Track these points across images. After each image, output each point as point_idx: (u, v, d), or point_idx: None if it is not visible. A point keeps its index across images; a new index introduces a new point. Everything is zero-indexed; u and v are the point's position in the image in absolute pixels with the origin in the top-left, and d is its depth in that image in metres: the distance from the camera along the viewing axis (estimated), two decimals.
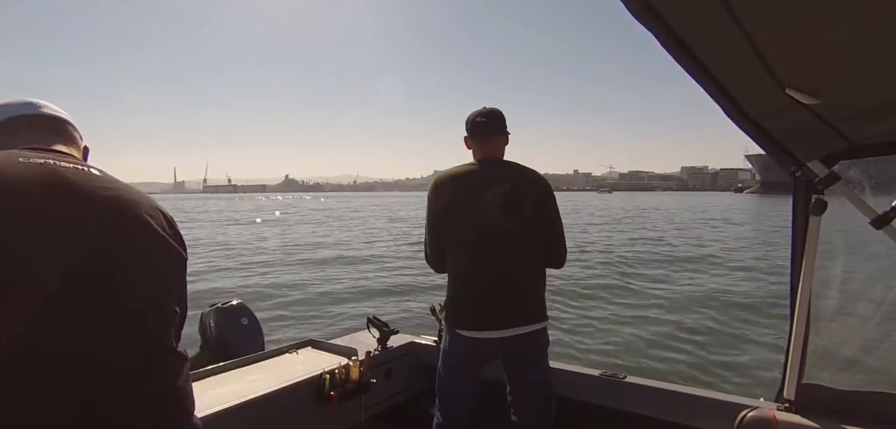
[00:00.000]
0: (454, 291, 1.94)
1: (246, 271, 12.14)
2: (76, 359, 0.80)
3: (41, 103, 1.04)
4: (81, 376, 0.80)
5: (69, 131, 1.06)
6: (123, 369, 0.85)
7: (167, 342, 0.93)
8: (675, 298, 8.38)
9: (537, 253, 1.94)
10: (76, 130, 1.08)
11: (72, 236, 0.82)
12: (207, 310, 2.73)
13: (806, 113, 1.04)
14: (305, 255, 15.16)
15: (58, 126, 1.04)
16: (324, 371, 2.15)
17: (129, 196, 0.92)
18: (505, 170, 1.95)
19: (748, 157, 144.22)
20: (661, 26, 0.70)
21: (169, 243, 0.95)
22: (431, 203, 1.97)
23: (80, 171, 0.89)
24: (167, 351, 0.93)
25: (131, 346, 0.86)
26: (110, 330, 0.84)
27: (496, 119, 2.00)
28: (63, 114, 1.07)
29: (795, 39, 0.76)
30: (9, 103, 1.03)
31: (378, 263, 13.43)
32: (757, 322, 6.83)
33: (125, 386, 0.85)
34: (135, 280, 0.88)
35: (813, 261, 1.48)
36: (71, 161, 0.91)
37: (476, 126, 2.01)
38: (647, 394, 2.02)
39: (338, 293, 9.39)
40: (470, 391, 2.01)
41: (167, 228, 0.97)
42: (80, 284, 0.81)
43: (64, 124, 1.05)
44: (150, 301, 0.91)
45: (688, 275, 10.57)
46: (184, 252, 0.99)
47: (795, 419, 1.52)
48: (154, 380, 0.89)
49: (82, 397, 0.80)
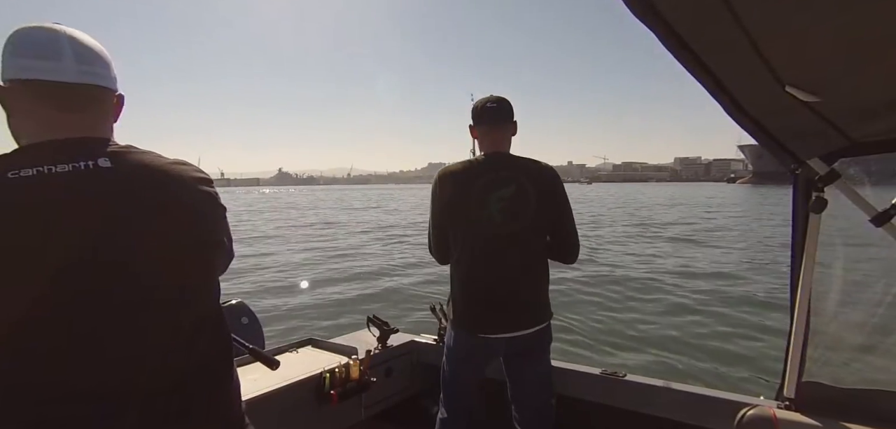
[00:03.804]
0: (458, 292, 1.94)
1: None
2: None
3: (66, 52, 0.89)
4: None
5: (98, 97, 0.94)
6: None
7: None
8: (675, 299, 8.38)
9: (541, 253, 1.92)
10: (108, 79, 0.96)
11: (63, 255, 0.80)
12: None
13: (806, 111, 1.04)
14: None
15: (83, 100, 0.92)
16: (324, 370, 2.15)
17: (138, 184, 0.89)
18: (511, 169, 1.87)
19: (741, 147, 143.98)
20: (663, 25, 0.70)
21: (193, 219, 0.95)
22: (435, 198, 1.94)
23: (82, 174, 0.85)
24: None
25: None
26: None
27: (505, 107, 1.94)
28: (95, 60, 0.93)
29: (795, 38, 0.76)
30: (28, 43, 0.88)
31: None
32: (757, 320, 6.84)
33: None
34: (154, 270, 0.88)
35: (813, 259, 1.48)
36: (79, 155, 0.86)
37: (485, 112, 1.93)
38: (648, 392, 2.02)
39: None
40: (474, 388, 2.01)
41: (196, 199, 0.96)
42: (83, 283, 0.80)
43: (92, 92, 0.93)
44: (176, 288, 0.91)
45: (672, 279, 10.58)
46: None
47: (796, 417, 1.52)
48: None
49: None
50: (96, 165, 0.86)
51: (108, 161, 0.88)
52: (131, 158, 0.91)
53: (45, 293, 0.79)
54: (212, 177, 1.03)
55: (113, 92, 0.98)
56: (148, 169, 0.92)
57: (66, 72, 0.89)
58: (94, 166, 0.86)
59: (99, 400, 0.83)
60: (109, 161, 0.88)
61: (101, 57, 0.95)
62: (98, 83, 0.94)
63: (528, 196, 1.85)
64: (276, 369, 1.52)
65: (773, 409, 1.55)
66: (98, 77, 0.94)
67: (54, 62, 0.88)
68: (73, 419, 0.81)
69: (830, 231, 1.48)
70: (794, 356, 1.55)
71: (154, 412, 0.87)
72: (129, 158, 0.91)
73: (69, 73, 0.89)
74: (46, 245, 0.80)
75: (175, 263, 0.91)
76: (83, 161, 0.86)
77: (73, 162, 0.85)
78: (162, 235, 0.90)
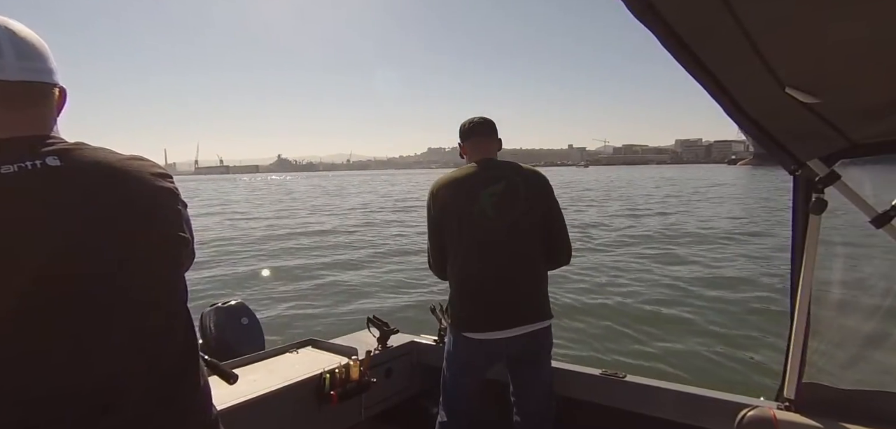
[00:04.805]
0: (455, 294, 1.95)
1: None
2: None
3: (5, 48, 0.85)
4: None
5: (41, 92, 0.91)
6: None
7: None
8: (675, 299, 8.37)
9: (536, 249, 1.94)
10: (49, 73, 0.91)
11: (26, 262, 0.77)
12: (207, 310, 2.73)
13: (806, 112, 1.04)
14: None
15: (26, 97, 0.88)
16: (324, 371, 2.15)
17: (91, 190, 0.85)
18: (499, 169, 1.96)
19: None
20: (662, 26, 0.70)
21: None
22: (430, 209, 1.99)
23: (29, 174, 0.80)
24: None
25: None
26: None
27: (489, 124, 2.09)
28: (35, 55, 0.89)
29: (796, 39, 0.76)
30: None
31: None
32: (757, 321, 6.83)
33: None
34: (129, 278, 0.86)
35: (813, 260, 1.48)
36: (24, 155, 0.82)
37: (474, 126, 2.08)
38: (648, 393, 2.02)
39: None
40: (474, 391, 2.02)
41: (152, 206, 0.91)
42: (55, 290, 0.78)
43: (35, 88, 0.89)
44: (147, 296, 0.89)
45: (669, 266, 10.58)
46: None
47: (796, 418, 1.51)
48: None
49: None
50: (44, 164, 0.82)
51: (57, 160, 0.83)
52: (82, 155, 0.87)
53: (10, 298, 0.76)
54: (212, 164, 0.98)
55: (54, 86, 0.93)
56: (102, 166, 0.87)
57: (7, 69, 0.84)
58: (41, 165, 0.82)
59: (71, 404, 0.81)
60: (58, 159, 0.83)
61: (41, 50, 0.90)
62: (41, 80, 0.90)
63: (519, 190, 1.91)
64: (233, 383, 1.40)
65: (773, 410, 1.55)
66: (40, 73, 0.89)
67: None
68: (47, 423, 0.79)
69: (830, 232, 1.48)
70: (794, 357, 1.55)
71: (126, 414, 0.85)
72: (79, 155, 0.87)
73: (10, 70, 0.84)
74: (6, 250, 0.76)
75: (140, 263, 0.88)
76: (30, 160, 0.81)
77: (18, 162, 0.80)
78: (125, 233, 0.87)
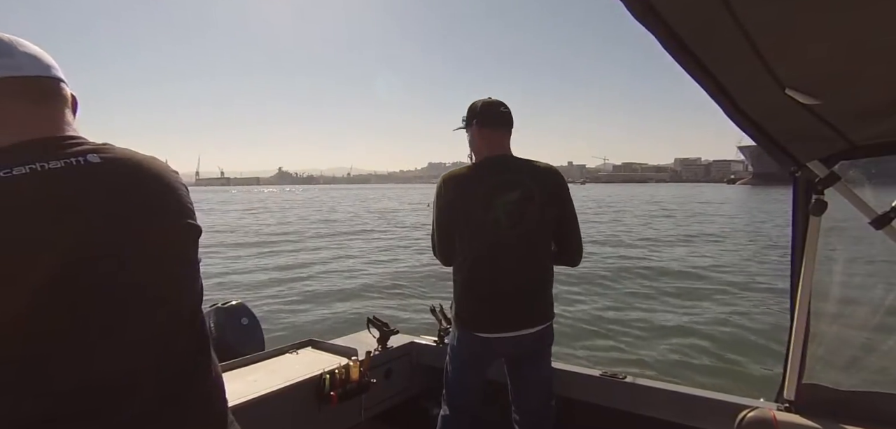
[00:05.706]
0: (462, 294, 1.93)
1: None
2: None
3: (19, 50, 0.87)
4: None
5: (58, 90, 0.92)
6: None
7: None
8: (674, 299, 8.38)
9: (546, 252, 1.92)
10: (58, 71, 0.93)
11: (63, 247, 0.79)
12: (207, 310, 2.73)
13: (806, 113, 1.04)
14: None
15: (48, 93, 0.90)
16: (324, 371, 2.15)
17: (125, 182, 0.88)
18: (515, 173, 1.87)
19: (741, 148, 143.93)
20: (662, 27, 0.70)
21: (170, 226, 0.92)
22: (439, 198, 1.92)
23: (76, 169, 0.84)
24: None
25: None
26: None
27: (507, 116, 1.93)
28: (41, 56, 0.91)
29: (795, 40, 0.76)
30: None
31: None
32: (757, 322, 6.83)
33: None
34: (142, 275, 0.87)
35: (813, 261, 1.48)
36: (66, 151, 0.85)
37: (493, 113, 1.91)
38: (648, 394, 2.02)
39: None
40: (476, 388, 2.02)
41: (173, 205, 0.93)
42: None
43: (52, 85, 0.91)
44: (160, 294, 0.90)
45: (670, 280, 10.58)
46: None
47: (796, 419, 1.51)
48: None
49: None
50: (86, 161, 0.85)
51: (97, 157, 0.87)
52: (115, 154, 0.90)
53: (43, 292, 0.78)
54: (212, 176, 1.01)
55: (67, 87, 0.95)
56: (134, 165, 0.91)
57: (23, 67, 0.87)
58: (85, 163, 0.85)
59: (96, 396, 0.82)
60: (98, 157, 0.87)
61: (50, 61, 0.93)
62: (57, 76, 0.92)
63: (534, 199, 1.84)
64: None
65: (773, 411, 1.55)
66: (52, 69, 0.92)
67: (9, 59, 0.87)
68: (72, 415, 0.80)
69: (830, 234, 1.48)
70: (795, 358, 1.55)
71: (143, 409, 0.86)
72: (115, 153, 0.90)
73: (26, 68, 0.88)
74: (47, 243, 0.79)
75: (167, 259, 0.91)
76: (75, 157, 0.85)
77: (65, 159, 0.84)
78: (158, 230, 0.90)
